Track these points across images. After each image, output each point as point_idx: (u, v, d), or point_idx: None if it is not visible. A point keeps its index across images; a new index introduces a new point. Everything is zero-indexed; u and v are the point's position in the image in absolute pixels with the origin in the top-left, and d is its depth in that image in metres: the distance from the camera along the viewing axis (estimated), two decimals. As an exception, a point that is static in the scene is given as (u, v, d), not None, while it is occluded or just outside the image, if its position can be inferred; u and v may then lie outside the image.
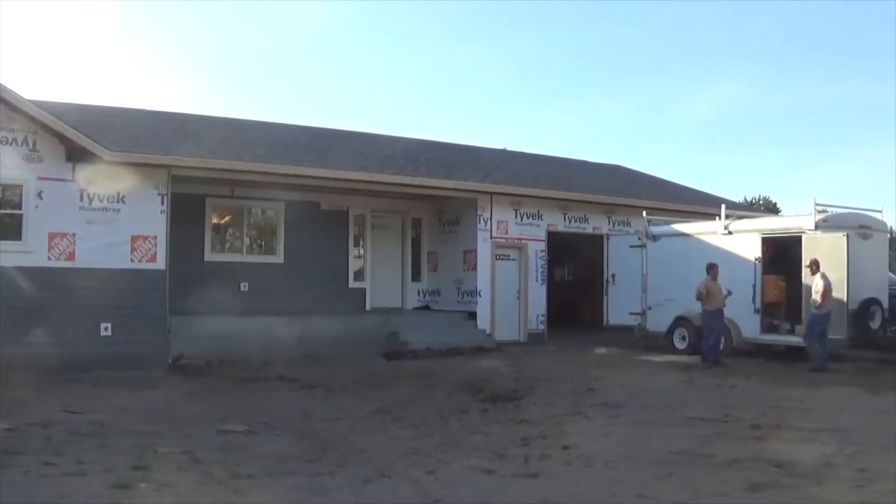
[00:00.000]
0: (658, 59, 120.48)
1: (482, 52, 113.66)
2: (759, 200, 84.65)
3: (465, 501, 7.97)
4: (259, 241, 22.79)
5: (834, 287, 17.83)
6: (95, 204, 17.28)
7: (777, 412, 12.74)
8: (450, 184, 22.73)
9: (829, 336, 18.02)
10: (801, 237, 18.82)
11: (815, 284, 17.61)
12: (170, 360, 17.29)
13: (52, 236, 16.80)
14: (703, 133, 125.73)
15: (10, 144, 16.42)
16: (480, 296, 23.05)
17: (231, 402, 13.64)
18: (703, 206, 26.27)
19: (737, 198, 55.51)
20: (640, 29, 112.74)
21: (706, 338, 18.50)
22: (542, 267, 24.51)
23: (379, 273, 23.97)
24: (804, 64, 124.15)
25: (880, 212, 20.22)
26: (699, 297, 18.42)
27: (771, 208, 75.50)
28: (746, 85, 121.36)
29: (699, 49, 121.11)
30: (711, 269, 18.49)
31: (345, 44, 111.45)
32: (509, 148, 35.75)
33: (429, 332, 21.29)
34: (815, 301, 17.54)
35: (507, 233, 23.84)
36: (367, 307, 23.37)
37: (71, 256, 16.93)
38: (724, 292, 18.52)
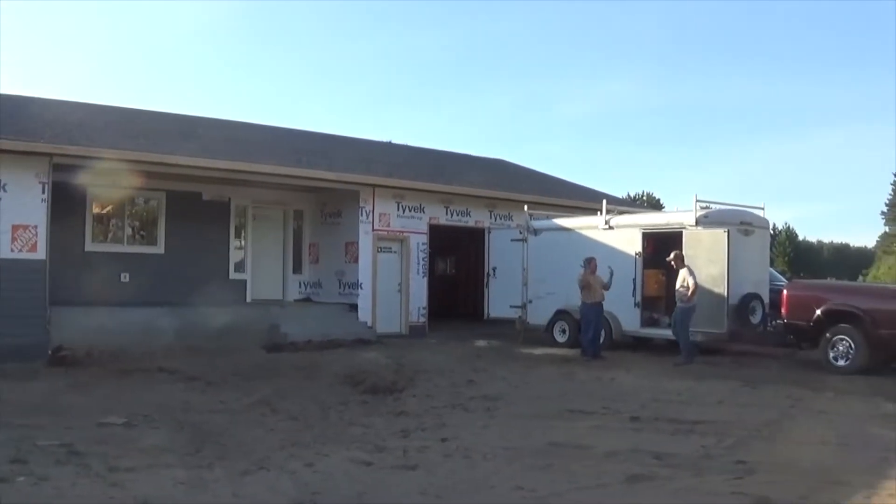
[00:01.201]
0: (544, 55, 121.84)
1: (369, 46, 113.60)
2: (642, 196, 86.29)
3: (343, 494, 7.93)
4: (141, 232, 22.37)
5: (714, 282, 18.31)
6: (-25, 192, 16.80)
7: (656, 405, 12.98)
8: (332, 175, 22.65)
9: (710, 330, 18.54)
10: (682, 233, 19.15)
11: (684, 279, 17.99)
12: (49, 352, 16.77)
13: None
14: (588, 129, 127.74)
15: None
16: (362, 288, 23.01)
17: (111, 394, 13.34)
18: (586, 201, 26.69)
19: (620, 194, 56.39)
20: (526, 25, 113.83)
21: (584, 331, 18.68)
22: (423, 260, 24.58)
23: (260, 264, 23.79)
24: (689, 64, 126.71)
25: (762, 209, 20.69)
26: (581, 286, 18.61)
27: (654, 204, 77.03)
28: (632, 83, 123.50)
29: (585, 47, 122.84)
30: (589, 262, 18.66)
31: (232, 38, 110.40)
32: (395, 141, 35.83)
33: (309, 324, 21.15)
34: (683, 295, 17.93)
35: (388, 225, 23.86)
36: (248, 299, 23.20)
37: (-51, 246, 16.46)
38: (608, 277, 18.71)
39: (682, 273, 18.08)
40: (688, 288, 17.86)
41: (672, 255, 18.48)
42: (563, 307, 20.39)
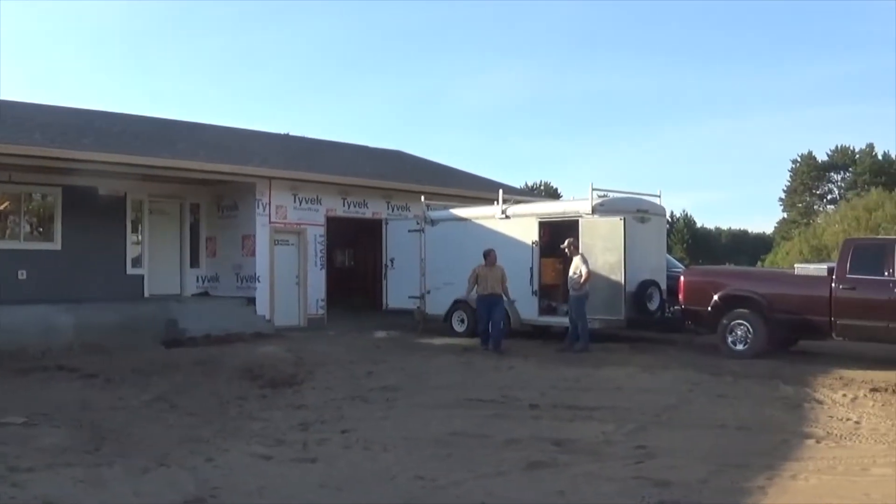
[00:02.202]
0: (441, 46, 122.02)
1: (265, 38, 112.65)
2: (540, 186, 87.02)
3: (243, 488, 7.97)
4: (38, 228, 21.95)
5: (612, 270, 18.53)
6: None
7: (555, 392, 13.11)
8: (227, 168, 22.53)
9: (608, 317, 18.77)
10: (578, 221, 19.30)
11: (577, 267, 18.18)
12: (-55, 352, 16.50)
13: None
14: (486, 119, 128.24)
15: None
16: (259, 281, 22.95)
17: (9, 393, 13.10)
18: (483, 191, 26.81)
19: (518, 183, 56.76)
20: (423, 16, 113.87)
21: (478, 322, 18.76)
22: (321, 252, 24.57)
23: (157, 259, 23.48)
24: (587, 53, 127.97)
25: (658, 196, 20.92)
26: (469, 282, 18.66)
27: (552, 193, 77.75)
28: (529, 72, 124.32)
29: (483, 38, 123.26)
30: (487, 255, 18.60)
31: (129, 30, 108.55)
32: (292, 133, 35.67)
33: (208, 318, 20.96)
34: (576, 282, 18.13)
35: (285, 218, 23.81)
36: (146, 294, 22.86)
37: None
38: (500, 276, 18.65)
39: (576, 261, 18.26)
40: (580, 275, 18.03)
41: (566, 243, 18.66)
42: (461, 297, 20.31)
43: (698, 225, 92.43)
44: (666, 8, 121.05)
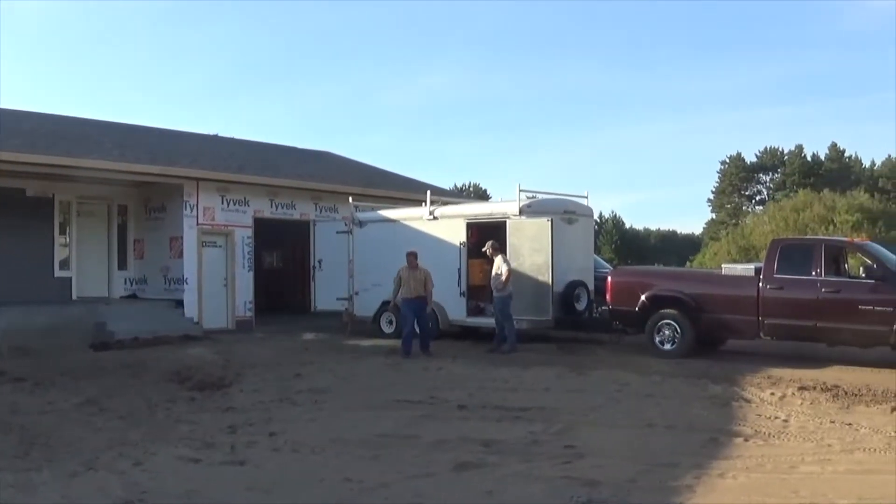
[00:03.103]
0: (368, 47, 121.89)
1: (194, 39, 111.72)
2: (469, 187, 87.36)
3: (171, 492, 7.99)
4: (-34, 230, 21.64)
5: (539, 270, 18.69)
6: None
7: (483, 392, 13.19)
8: (155, 169, 22.44)
9: (536, 318, 18.90)
10: (506, 222, 19.47)
11: (499, 267, 18.29)
12: None
13: None
14: (415, 120, 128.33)
15: None
16: (187, 283, 22.86)
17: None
18: (411, 192, 26.92)
19: (447, 185, 56.86)
20: (349, 16, 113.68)
21: (403, 326, 18.54)
22: (249, 254, 24.54)
23: (85, 261, 23.28)
24: (516, 54, 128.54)
25: (586, 197, 21.11)
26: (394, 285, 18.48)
27: (481, 195, 78.08)
28: (459, 73, 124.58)
29: (410, 38, 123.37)
30: (410, 257, 18.40)
31: (57, 30, 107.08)
32: (221, 134, 35.53)
33: (136, 321, 20.82)
34: (499, 283, 18.24)
35: (213, 219, 23.74)
36: (74, 296, 22.68)
37: None
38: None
39: (497, 261, 18.35)
40: (502, 276, 18.14)
41: (487, 245, 18.77)
42: (389, 298, 20.19)
43: (627, 226, 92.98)
44: (595, 9, 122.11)
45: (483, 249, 18.94)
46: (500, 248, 18.79)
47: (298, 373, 15.38)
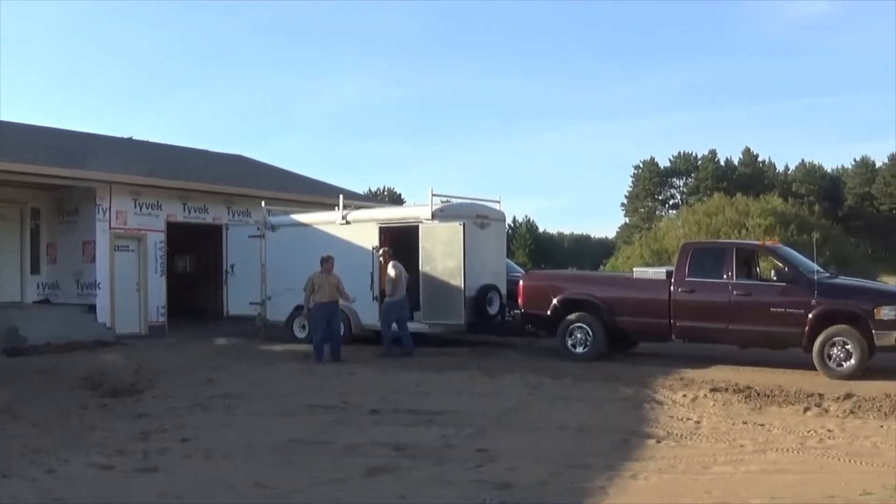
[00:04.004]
0: (287, 49, 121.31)
1: (109, 42, 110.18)
2: (383, 191, 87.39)
3: (84, 499, 8.00)
4: None
5: (451, 275, 18.72)
6: None
7: (395, 397, 13.31)
8: (67, 172, 22.15)
9: (448, 322, 19.06)
10: (418, 226, 19.52)
11: (388, 273, 18.48)
12: None
13: None
14: (332, 124, 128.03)
15: None
16: (100, 288, 22.65)
17: None
18: (325, 196, 27.09)
19: (362, 189, 56.77)
20: (264, 19, 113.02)
21: (313, 331, 18.52)
22: (161, 258, 24.39)
23: (-3, 266, 22.93)
24: (430, 60, 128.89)
25: (498, 202, 21.37)
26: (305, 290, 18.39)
27: (395, 199, 78.13)
28: (373, 78, 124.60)
29: (326, 42, 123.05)
30: (325, 262, 18.30)
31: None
32: (136, 137, 35.18)
33: (49, 326, 20.58)
34: (389, 288, 18.42)
35: (126, 223, 23.56)
36: (-14, 302, 22.34)
37: None
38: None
39: (388, 267, 18.53)
40: (390, 281, 18.33)
41: (380, 252, 19.00)
42: (302, 303, 19.91)
43: (541, 230, 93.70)
44: (511, 14, 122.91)
45: (378, 255, 19.12)
46: (389, 253, 18.99)
47: (211, 378, 15.37)
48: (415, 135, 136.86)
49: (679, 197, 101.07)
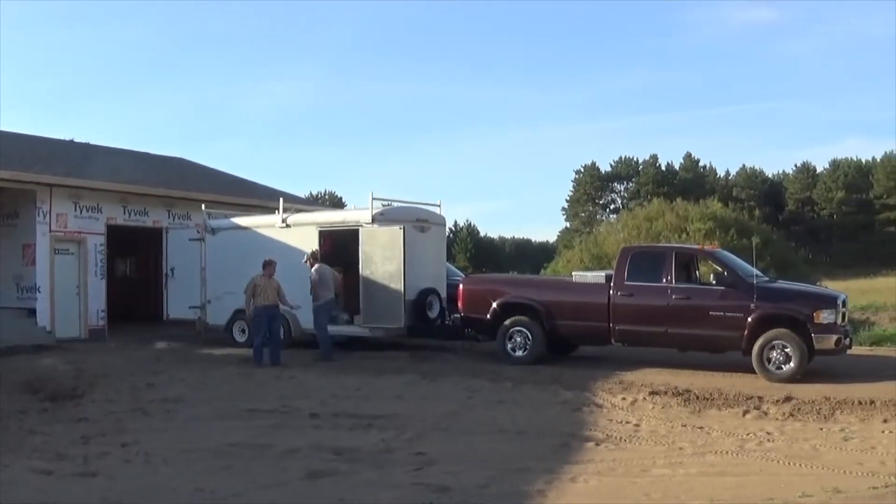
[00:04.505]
0: (227, 54, 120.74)
1: (49, 42, 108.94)
2: (324, 195, 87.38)
3: None
4: None
5: (391, 278, 18.81)
6: None
7: (335, 401, 13.50)
8: (6, 174, 21.86)
9: (388, 326, 19.08)
10: (358, 230, 19.58)
11: (311, 277, 18.66)
12: None
13: None
14: (274, 127, 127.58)
15: None
16: (40, 292, 22.50)
17: None
18: (266, 199, 26.98)
19: (303, 193, 56.72)
20: (205, 22, 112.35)
21: (254, 336, 18.43)
22: (102, 261, 24.29)
23: (-65, 270, 22.64)
24: (373, 64, 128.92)
25: (438, 206, 21.48)
26: (246, 293, 18.29)
27: (337, 202, 78.23)
28: (316, 82, 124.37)
29: (267, 45, 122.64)
30: (267, 266, 18.31)
31: None
32: (77, 139, 34.91)
33: (-12, 330, 20.40)
34: (313, 293, 18.59)
35: (66, 226, 23.45)
36: (-76, 306, 22.10)
37: None
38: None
39: (311, 272, 18.72)
40: (311, 286, 18.54)
41: (306, 256, 19.04)
42: (242, 307, 19.84)
43: (482, 234, 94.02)
44: (451, 19, 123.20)
45: (303, 261, 19.10)
46: (314, 257, 19.08)
47: (151, 382, 15.39)
48: (357, 139, 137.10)
49: (620, 201, 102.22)
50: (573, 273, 20.38)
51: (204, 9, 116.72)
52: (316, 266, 18.80)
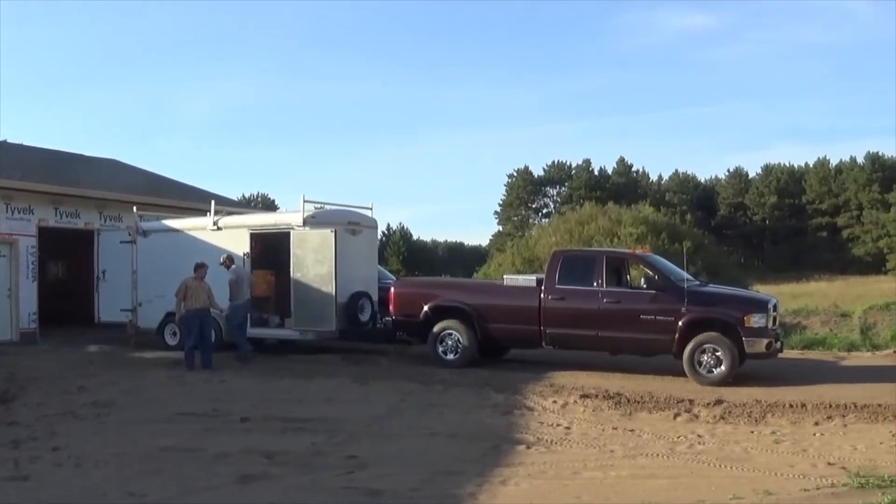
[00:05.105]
0: (160, 54, 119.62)
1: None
2: (257, 197, 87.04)
3: None
4: None
5: (323, 281, 18.93)
6: None
7: (266, 404, 13.49)
8: (-64, 177, 21.93)
9: (319, 329, 19.19)
10: (290, 233, 19.69)
11: (229, 279, 18.83)
12: None
13: None
14: (208, 129, 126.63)
15: None
16: (-29, 294, 22.22)
17: None
18: (198, 202, 26.88)
19: (236, 195, 56.46)
20: (140, 22, 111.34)
21: (185, 339, 18.46)
22: (33, 264, 24.08)
23: None
24: (304, 65, 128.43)
25: (370, 209, 21.62)
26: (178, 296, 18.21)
27: (269, 205, 77.96)
28: (249, 84, 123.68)
29: (201, 46, 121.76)
30: (198, 268, 18.23)
31: None
32: (9, 140, 34.54)
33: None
34: (231, 293, 18.76)
35: (-3, 228, 23.25)
36: None
37: None
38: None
39: (229, 273, 18.91)
40: (230, 287, 18.76)
41: (222, 258, 19.14)
42: (173, 309, 19.70)
43: (415, 237, 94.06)
44: (388, 20, 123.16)
45: (220, 262, 19.13)
46: (230, 259, 19.28)
47: (82, 386, 15.34)
48: (289, 141, 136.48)
49: (552, 206, 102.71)
50: (504, 276, 20.55)
51: (140, 7, 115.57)
52: (232, 267, 19.00)
